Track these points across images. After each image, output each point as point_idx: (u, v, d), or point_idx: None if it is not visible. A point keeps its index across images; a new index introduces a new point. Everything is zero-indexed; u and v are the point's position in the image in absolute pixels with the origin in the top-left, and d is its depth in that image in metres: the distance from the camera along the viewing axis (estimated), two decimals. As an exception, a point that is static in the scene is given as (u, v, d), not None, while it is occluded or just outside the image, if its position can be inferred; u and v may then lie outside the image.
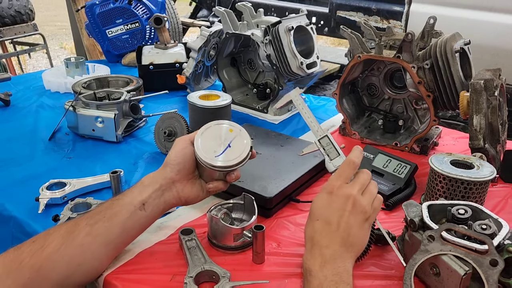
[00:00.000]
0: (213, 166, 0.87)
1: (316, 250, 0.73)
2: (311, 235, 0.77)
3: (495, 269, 0.69)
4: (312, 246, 0.75)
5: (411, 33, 1.19)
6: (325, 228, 0.76)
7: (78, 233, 0.77)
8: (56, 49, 6.57)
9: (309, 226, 0.78)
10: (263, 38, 1.48)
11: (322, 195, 0.80)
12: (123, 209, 0.81)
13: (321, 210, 0.78)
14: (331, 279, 0.68)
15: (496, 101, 1.08)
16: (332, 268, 0.70)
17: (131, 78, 1.75)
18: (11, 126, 1.54)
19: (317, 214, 0.78)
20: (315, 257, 0.72)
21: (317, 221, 0.77)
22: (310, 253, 0.74)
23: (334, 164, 0.84)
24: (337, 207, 0.78)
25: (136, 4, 2.15)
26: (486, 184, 0.96)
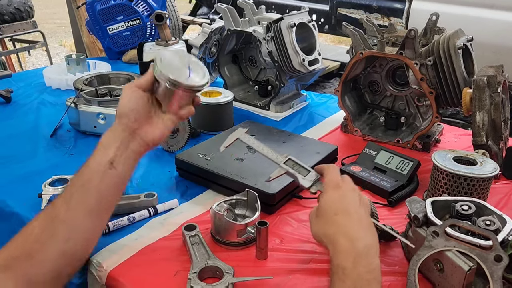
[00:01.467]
0: (190, 86, 0.81)
1: (346, 244, 0.69)
2: (335, 230, 0.72)
3: (500, 265, 0.69)
4: (338, 241, 0.70)
5: (414, 30, 1.19)
6: (349, 220, 0.73)
7: (58, 213, 0.75)
8: (55, 47, 6.56)
9: (329, 223, 0.74)
10: (264, 35, 1.48)
11: (330, 191, 0.78)
12: (93, 174, 0.77)
13: (336, 204, 0.76)
14: (365, 278, 0.65)
15: (499, 98, 1.08)
16: (366, 263, 0.66)
17: (132, 75, 1.75)
18: (13, 123, 1.53)
19: (334, 209, 0.75)
20: (347, 252, 0.67)
21: (337, 216, 0.73)
22: (340, 249, 0.69)
23: (309, 179, 0.83)
24: (350, 200, 0.77)
25: (137, 1, 2.14)
26: (489, 181, 0.96)
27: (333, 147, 1.22)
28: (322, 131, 1.48)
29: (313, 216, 0.78)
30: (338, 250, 0.69)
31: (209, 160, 1.13)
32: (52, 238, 0.73)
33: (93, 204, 0.77)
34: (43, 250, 0.72)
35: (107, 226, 0.94)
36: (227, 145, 0.89)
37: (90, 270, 0.86)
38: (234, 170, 1.09)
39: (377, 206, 1.03)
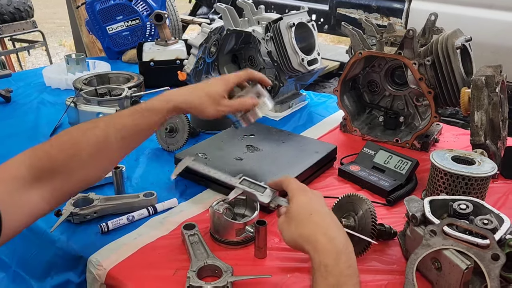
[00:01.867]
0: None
1: (326, 242, 0.70)
2: (312, 230, 0.74)
3: (497, 264, 0.70)
4: (317, 240, 0.71)
5: (413, 30, 1.19)
6: (323, 219, 0.75)
7: (112, 144, 0.84)
8: (55, 47, 6.56)
9: (304, 224, 0.75)
10: (264, 35, 1.48)
11: (299, 195, 0.79)
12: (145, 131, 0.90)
13: (308, 205, 0.78)
14: (346, 274, 0.67)
15: (497, 98, 1.09)
16: (346, 259, 0.68)
17: (132, 74, 1.75)
18: (12, 123, 1.54)
19: (307, 210, 0.77)
20: (328, 250, 0.69)
21: (312, 215, 0.75)
22: (320, 247, 0.70)
23: (267, 195, 0.84)
24: (319, 201, 0.79)
25: (137, 1, 2.15)
26: (487, 180, 0.97)
27: (332, 147, 1.23)
28: (321, 130, 1.48)
29: (283, 224, 0.78)
30: (319, 249, 0.70)
31: (208, 159, 1.13)
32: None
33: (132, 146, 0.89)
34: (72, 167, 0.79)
35: (106, 225, 0.95)
36: (176, 174, 0.94)
37: (90, 269, 0.87)
38: (233, 170, 1.09)
39: (375, 205, 1.03)
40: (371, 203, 0.89)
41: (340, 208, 0.92)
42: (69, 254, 0.93)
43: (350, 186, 1.15)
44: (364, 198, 0.89)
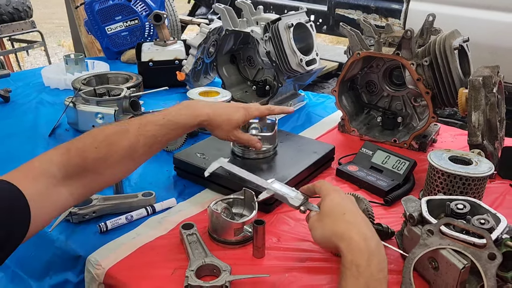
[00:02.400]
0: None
1: (361, 241, 0.70)
2: (346, 228, 0.73)
3: (493, 263, 0.70)
4: (352, 238, 0.71)
5: (411, 30, 1.20)
6: (357, 219, 0.75)
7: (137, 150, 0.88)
8: (54, 47, 6.55)
9: (338, 222, 0.75)
10: (262, 35, 1.49)
11: (332, 194, 0.81)
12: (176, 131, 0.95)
13: (342, 204, 0.79)
14: (376, 278, 0.67)
15: (494, 98, 1.09)
16: (378, 262, 0.68)
17: (130, 74, 1.75)
18: (11, 123, 1.54)
19: (340, 209, 0.77)
20: (361, 250, 0.69)
21: (345, 215, 0.76)
22: (354, 246, 0.70)
23: (298, 198, 0.86)
24: (351, 202, 0.81)
25: (136, 1, 2.15)
26: (484, 180, 0.97)
27: (330, 147, 1.23)
28: (319, 130, 1.48)
29: (315, 222, 0.80)
30: (352, 247, 0.70)
31: (207, 159, 1.13)
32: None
33: (154, 153, 0.94)
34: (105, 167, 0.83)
35: (105, 225, 0.95)
36: (211, 171, 0.97)
37: (88, 268, 0.87)
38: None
39: (373, 205, 1.03)
40: (368, 203, 0.89)
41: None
42: (67, 254, 0.93)
43: (348, 186, 1.16)
44: (362, 197, 0.90)
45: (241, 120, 1.02)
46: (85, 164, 0.80)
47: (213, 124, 0.99)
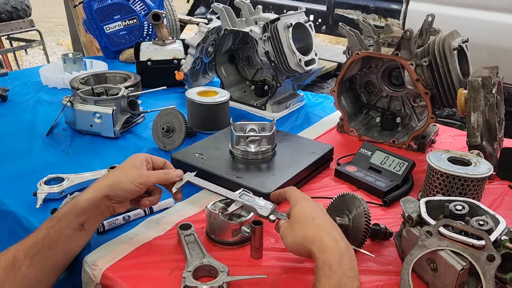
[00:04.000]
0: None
1: (331, 243, 0.73)
2: (317, 231, 0.76)
3: (492, 264, 0.70)
4: (323, 240, 0.74)
5: (410, 31, 1.19)
6: (327, 224, 0.78)
7: (19, 266, 0.77)
8: (52, 46, 6.54)
9: (308, 227, 0.77)
10: (261, 35, 1.48)
11: (302, 202, 0.82)
12: (61, 235, 0.81)
13: (311, 211, 0.81)
14: (348, 275, 0.69)
15: (493, 99, 1.09)
16: (349, 261, 0.71)
17: (129, 74, 1.75)
18: (9, 122, 1.53)
19: (310, 215, 0.79)
20: (332, 250, 0.72)
21: (315, 220, 0.78)
22: (325, 247, 0.73)
23: (266, 208, 0.85)
24: (320, 208, 0.83)
25: (134, 0, 2.14)
26: (483, 181, 0.97)
27: (329, 147, 1.23)
28: (318, 131, 1.48)
29: (285, 229, 0.81)
30: (324, 249, 0.72)
31: (205, 159, 1.13)
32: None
33: (58, 261, 0.82)
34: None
35: (102, 225, 0.94)
36: (178, 187, 0.92)
37: (85, 269, 0.86)
38: (229, 170, 1.09)
39: (372, 206, 1.04)
40: (365, 202, 0.89)
41: (335, 207, 0.92)
42: (64, 254, 0.92)
43: (347, 186, 1.15)
44: (358, 197, 0.89)
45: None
46: None
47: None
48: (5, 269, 0.76)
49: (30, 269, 0.78)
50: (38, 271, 0.79)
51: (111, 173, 0.89)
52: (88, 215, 0.84)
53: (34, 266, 0.78)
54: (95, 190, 0.85)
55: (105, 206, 0.86)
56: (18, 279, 0.76)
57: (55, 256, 0.81)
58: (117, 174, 0.88)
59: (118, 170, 0.90)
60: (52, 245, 0.80)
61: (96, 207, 0.85)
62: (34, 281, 0.78)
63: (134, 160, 0.91)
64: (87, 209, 0.84)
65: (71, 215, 0.83)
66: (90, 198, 0.84)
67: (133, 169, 0.88)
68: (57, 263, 0.82)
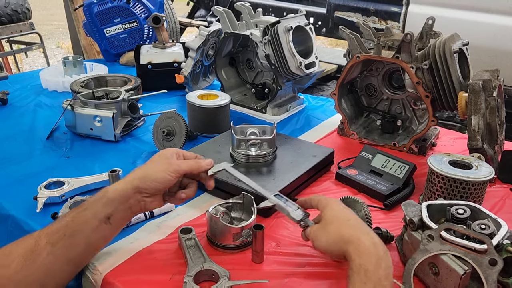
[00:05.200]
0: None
1: (369, 244, 0.70)
2: (354, 231, 0.74)
3: (494, 269, 0.70)
4: (360, 240, 0.71)
5: (410, 34, 1.19)
6: (363, 225, 0.76)
7: (39, 253, 0.74)
8: (52, 48, 6.55)
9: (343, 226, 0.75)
10: (262, 38, 1.48)
11: (334, 204, 0.82)
12: (85, 224, 0.78)
13: (345, 212, 0.80)
14: (383, 284, 0.66)
15: (494, 102, 1.09)
16: (386, 267, 0.68)
17: (129, 77, 1.75)
18: (9, 125, 1.53)
19: (344, 216, 0.78)
20: (370, 253, 0.69)
21: (350, 221, 0.77)
22: (363, 249, 0.70)
23: (299, 213, 0.85)
24: (350, 210, 0.82)
25: (134, 3, 2.15)
26: (485, 184, 0.97)
27: (330, 150, 1.22)
28: (318, 134, 1.48)
29: (317, 231, 0.80)
30: (361, 250, 0.69)
31: (205, 163, 1.13)
32: (27, 278, 0.73)
33: (78, 253, 0.79)
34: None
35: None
36: (214, 172, 0.92)
37: (86, 273, 0.86)
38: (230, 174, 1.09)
39: (373, 209, 1.03)
40: (366, 206, 0.89)
41: (338, 212, 0.92)
42: (65, 258, 0.92)
43: (348, 190, 1.15)
44: (360, 200, 0.89)
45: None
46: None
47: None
48: (24, 255, 0.74)
49: (50, 256, 0.74)
50: (57, 260, 0.75)
51: (141, 167, 0.87)
52: (116, 207, 0.80)
53: (54, 254, 0.75)
54: (125, 182, 0.83)
55: (136, 200, 0.83)
56: (35, 267, 0.74)
57: (76, 247, 0.77)
58: (148, 166, 0.87)
59: (148, 163, 0.88)
60: (74, 234, 0.77)
61: (125, 199, 0.82)
62: (51, 271, 0.75)
63: (164, 152, 0.90)
64: (116, 199, 0.81)
65: (98, 206, 0.80)
66: (120, 188, 0.82)
67: (164, 160, 0.87)
68: (77, 255, 0.79)
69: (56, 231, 0.77)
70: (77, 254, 0.79)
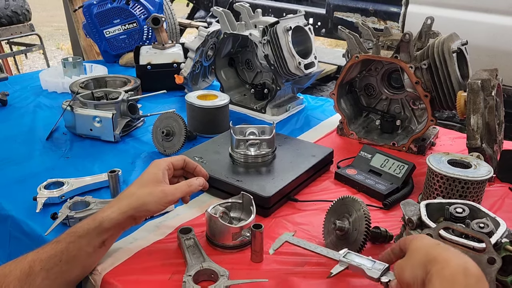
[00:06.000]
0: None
1: (459, 272, 0.58)
2: (442, 252, 0.62)
3: (493, 267, 0.70)
4: (447, 265, 0.59)
5: (409, 34, 1.20)
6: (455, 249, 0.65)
7: (35, 278, 0.75)
8: (52, 50, 6.55)
9: (431, 249, 0.63)
10: (261, 38, 1.49)
11: (418, 236, 0.71)
12: (81, 251, 0.79)
13: (432, 239, 0.68)
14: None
15: (493, 101, 1.09)
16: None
17: (129, 78, 1.75)
18: (9, 126, 1.53)
19: (433, 241, 0.67)
20: (455, 282, 0.56)
21: (439, 244, 0.65)
22: (446, 273, 0.58)
23: (376, 268, 0.74)
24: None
25: (134, 4, 2.15)
26: (483, 183, 0.97)
27: (329, 150, 1.23)
28: (318, 134, 1.48)
29: (402, 261, 0.67)
30: (446, 275, 0.57)
31: (205, 163, 1.13)
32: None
33: (75, 275, 0.81)
34: None
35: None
36: (276, 248, 0.87)
37: (85, 273, 0.86)
38: (229, 173, 1.09)
39: (372, 208, 1.03)
40: (365, 205, 0.89)
41: (335, 210, 0.92)
42: (64, 258, 0.92)
43: (347, 189, 1.15)
44: (359, 200, 0.89)
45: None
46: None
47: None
48: (20, 278, 0.74)
49: (45, 281, 0.76)
50: (53, 284, 0.77)
51: (135, 191, 0.86)
52: (111, 233, 0.83)
53: (50, 279, 0.76)
54: (120, 212, 0.83)
55: (129, 224, 0.86)
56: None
57: (72, 271, 0.79)
58: (142, 193, 0.85)
59: (142, 186, 0.87)
60: (70, 261, 0.78)
61: (120, 227, 0.84)
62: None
63: (156, 172, 0.89)
64: (111, 228, 0.82)
65: (93, 234, 0.80)
66: (115, 218, 0.82)
67: (157, 185, 0.87)
68: (73, 278, 0.81)
69: (51, 257, 0.77)
70: (72, 277, 0.81)
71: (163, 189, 0.87)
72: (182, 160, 0.96)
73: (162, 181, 0.88)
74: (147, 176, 0.89)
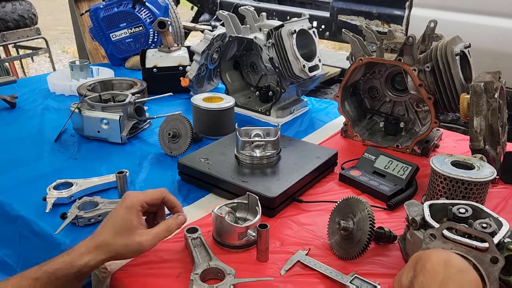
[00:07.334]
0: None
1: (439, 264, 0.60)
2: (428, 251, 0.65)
3: (496, 267, 0.71)
4: (429, 259, 0.62)
5: (412, 36, 1.21)
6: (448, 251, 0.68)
7: None
8: (58, 53, 6.60)
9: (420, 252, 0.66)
10: (265, 42, 1.50)
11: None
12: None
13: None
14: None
15: (496, 103, 1.10)
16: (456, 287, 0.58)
17: (135, 80, 1.77)
18: (18, 128, 1.56)
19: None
20: (436, 272, 0.59)
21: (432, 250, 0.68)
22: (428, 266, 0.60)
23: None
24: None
25: (140, 8, 2.18)
26: (486, 185, 0.98)
27: (333, 152, 1.24)
28: (322, 136, 1.49)
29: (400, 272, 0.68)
30: (427, 268, 0.60)
31: (210, 164, 1.15)
32: None
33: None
34: None
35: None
36: (287, 269, 0.87)
37: (94, 272, 0.88)
38: (235, 174, 1.10)
39: (376, 209, 1.05)
40: (369, 205, 0.90)
41: (340, 211, 0.93)
42: (73, 258, 0.93)
43: (351, 190, 1.16)
44: (363, 200, 0.90)
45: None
46: None
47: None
48: None
49: None
50: None
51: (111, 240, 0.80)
52: (88, 274, 0.82)
53: None
54: (98, 261, 0.79)
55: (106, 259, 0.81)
56: None
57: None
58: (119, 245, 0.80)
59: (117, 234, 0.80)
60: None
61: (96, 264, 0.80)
62: None
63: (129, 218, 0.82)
64: (88, 273, 0.81)
65: (71, 277, 0.77)
66: (93, 265, 0.78)
67: (133, 234, 0.81)
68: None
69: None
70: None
71: (139, 241, 0.81)
72: (160, 198, 0.88)
73: (137, 227, 0.82)
74: (121, 222, 0.82)
